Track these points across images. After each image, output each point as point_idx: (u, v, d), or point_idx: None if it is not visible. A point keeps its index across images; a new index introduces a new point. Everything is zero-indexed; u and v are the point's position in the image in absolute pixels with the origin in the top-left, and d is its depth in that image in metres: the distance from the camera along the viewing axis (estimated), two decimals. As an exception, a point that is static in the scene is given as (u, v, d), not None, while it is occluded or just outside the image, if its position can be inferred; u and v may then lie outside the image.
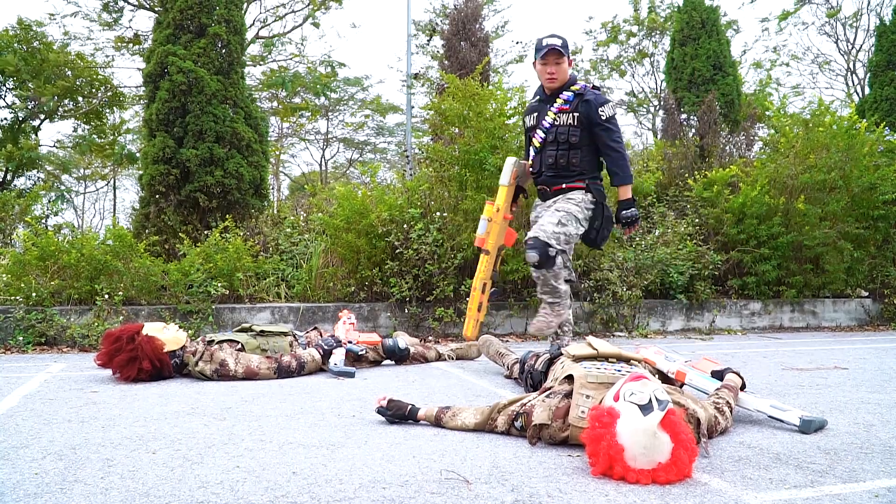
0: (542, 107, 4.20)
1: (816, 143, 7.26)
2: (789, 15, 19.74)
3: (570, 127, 4.06)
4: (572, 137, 4.05)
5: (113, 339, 3.79)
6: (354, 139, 25.77)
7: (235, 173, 7.70)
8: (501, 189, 4.33)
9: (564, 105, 4.06)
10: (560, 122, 4.07)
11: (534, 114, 4.25)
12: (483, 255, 4.28)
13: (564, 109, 4.06)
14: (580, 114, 4.03)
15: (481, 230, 4.27)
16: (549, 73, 4.04)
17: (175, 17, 7.83)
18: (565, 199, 4.11)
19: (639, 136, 22.65)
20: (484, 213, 4.29)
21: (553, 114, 4.09)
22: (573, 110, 4.05)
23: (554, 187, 4.18)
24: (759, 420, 2.89)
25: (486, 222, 4.26)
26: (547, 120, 4.11)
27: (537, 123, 4.19)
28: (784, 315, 7.23)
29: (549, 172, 4.17)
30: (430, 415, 2.76)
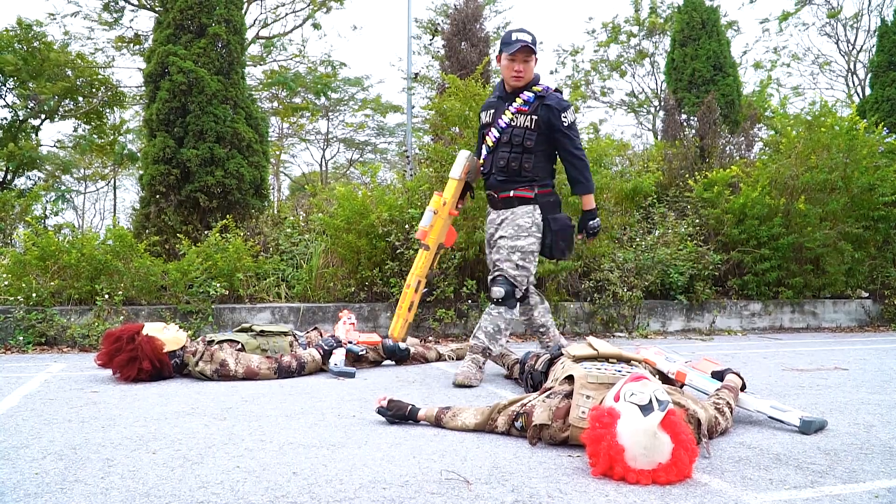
0: (500, 104, 3.92)
1: (818, 144, 7.26)
2: (790, 16, 19.74)
3: (526, 129, 3.80)
4: (527, 141, 3.80)
5: (113, 339, 3.79)
6: (355, 139, 25.78)
7: (236, 173, 7.70)
8: (451, 182, 4.04)
9: (524, 106, 3.80)
10: (517, 123, 3.81)
11: (490, 110, 3.96)
12: (422, 251, 4.00)
13: (523, 111, 3.80)
14: (539, 117, 3.78)
15: (425, 222, 3.97)
16: (517, 70, 3.76)
17: (175, 17, 7.83)
18: (515, 225, 3.83)
19: (639, 136, 22.66)
20: (430, 203, 4.01)
21: (510, 113, 3.82)
22: (532, 112, 3.79)
23: (501, 194, 3.89)
24: (759, 421, 2.89)
25: (431, 214, 3.97)
26: (503, 119, 3.84)
27: (493, 121, 3.91)
28: (784, 316, 7.23)
29: (500, 176, 3.88)
30: (431, 415, 2.76)
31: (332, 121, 24.70)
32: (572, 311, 6.41)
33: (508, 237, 3.83)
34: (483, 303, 6.05)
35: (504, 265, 3.82)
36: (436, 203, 3.98)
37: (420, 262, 3.99)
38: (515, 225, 3.83)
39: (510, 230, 3.83)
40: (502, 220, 3.89)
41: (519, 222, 3.83)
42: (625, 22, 19.21)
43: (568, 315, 6.36)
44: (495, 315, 3.84)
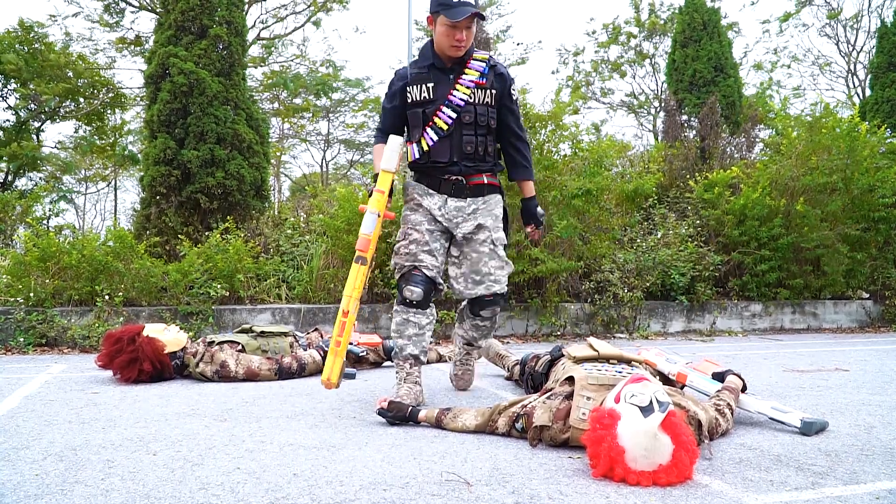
0: (441, 77, 3.20)
1: (818, 145, 7.26)
2: (790, 16, 19.75)
3: (488, 107, 3.20)
4: (491, 120, 3.22)
5: (114, 340, 3.80)
6: (355, 140, 25.78)
7: (236, 175, 7.71)
8: (385, 176, 3.16)
9: (481, 79, 3.17)
10: (477, 99, 3.17)
11: (427, 84, 3.20)
12: (358, 266, 3.03)
13: (481, 84, 3.17)
14: (496, 91, 3.22)
15: (368, 228, 3.07)
16: (458, 39, 3.09)
17: (176, 19, 7.84)
18: (493, 215, 3.27)
19: (639, 137, 22.66)
20: (372, 204, 3.10)
21: (466, 88, 3.15)
22: (490, 86, 3.20)
23: (472, 181, 3.25)
24: (759, 422, 2.89)
25: (375, 217, 3.08)
26: (457, 95, 3.14)
27: (438, 97, 3.18)
28: (785, 317, 7.23)
29: (467, 162, 3.21)
30: (431, 416, 2.76)
31: (333, 122, 24.72)
32: (573, 312, 6.41)
33: (490, 228, 3.23)
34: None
35: (493, 268, 3.21)
36: (379, 204, 3.10)
37: (358, 280, 3.02)
38: (493, 215, 3.26)
39: (489, 220, 3.24)
40: (474, 210, 3.23)
41: (496, 212, 3.29)
42: (625, 23, 19.22)
43: (568, 316, 6.36)
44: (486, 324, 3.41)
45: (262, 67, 19.16)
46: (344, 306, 2.97)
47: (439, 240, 3.24)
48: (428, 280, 3.15)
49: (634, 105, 20.75)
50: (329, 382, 2.91)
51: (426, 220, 3.23)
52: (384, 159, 3.16)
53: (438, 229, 3.24)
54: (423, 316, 3.17)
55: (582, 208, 6.26)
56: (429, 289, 3.16)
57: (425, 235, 3.19)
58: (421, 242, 3.18)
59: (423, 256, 3.16)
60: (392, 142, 3.18)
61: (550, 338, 6.16)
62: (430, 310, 3.21)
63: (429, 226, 3.22)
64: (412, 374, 3.17)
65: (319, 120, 24.14)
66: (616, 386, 2.31)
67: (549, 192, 6.02)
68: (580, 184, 6.10)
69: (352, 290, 2.99)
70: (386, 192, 3.13)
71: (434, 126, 3.18)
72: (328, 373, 2.91)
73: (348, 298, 2.98)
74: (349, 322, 2.95)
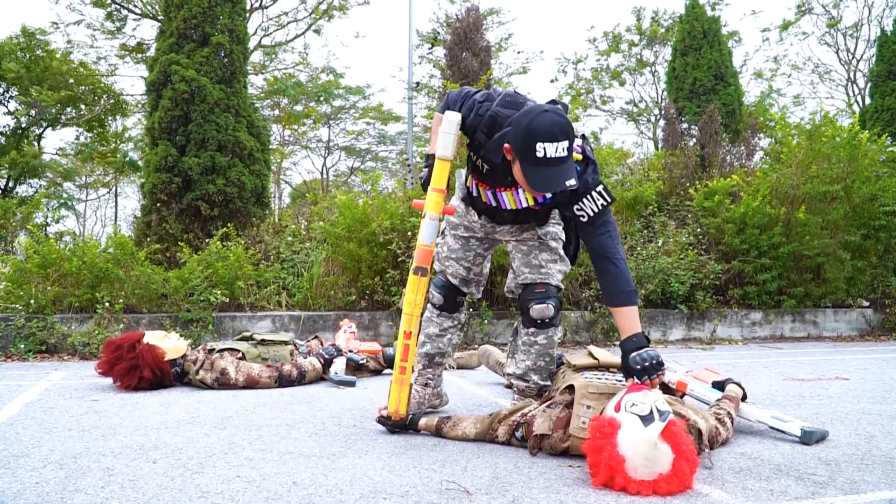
0: (500, 172, 2.66)
1: (818, 154, 7.28)
2: (790, 25, 19.80)
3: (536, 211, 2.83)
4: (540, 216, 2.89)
5: (114, 347, 3.80)
6: (356, 147, 25.84)
7: (237, 182, 7.72)
8: (441, 166, 2.69)
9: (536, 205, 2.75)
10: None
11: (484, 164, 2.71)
12: (417, 277, 2.64)
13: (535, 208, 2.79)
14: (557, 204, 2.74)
15: (428, 237, 2.64)
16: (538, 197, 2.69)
17: (178, 27, 7.86)
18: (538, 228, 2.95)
19: (639, 145, 22.69)
20: (429, 207, 2.64)
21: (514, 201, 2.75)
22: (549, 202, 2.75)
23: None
24: (760, 431, 2.89)
25: (435, 224, 2.64)
26: (505, 198, 2.76)
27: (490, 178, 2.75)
28: (785, 325, 7.23)
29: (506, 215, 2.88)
30: (431, 424, 2.76)
31: (334, 128, 24.77)
32: (573, 320, 6.41)
33: (544, 233, 2.92)
34: (485, 311, 6.05)
35: (545, 260, 2.92)
36: (435, 205, 2.65)
37: (418, 294, 2.65)
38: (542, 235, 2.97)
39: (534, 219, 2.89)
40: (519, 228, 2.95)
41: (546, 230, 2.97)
42: (626, 31, 19.26)
43: (569, 324, 6.36)
44: (544, 343, 3.01)
45: (264, 74, 19.21)
46: (405, 326, 2.64)
47: (475, 249, 3.02)
48: (450, 286, 3.05)
49: (634, 113, 20.78)
50: (397, 414, 2.70)
51: (466, 224, 3.01)
52: (440, 144, 2.67)
53: (478, 237, 3.02)
54: (448, 319, 3.11)
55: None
56: (450, 294, 3.06)
57: (459, 241, 3.02)
58: (453, 248, 3.03)
59: (450, 263, 3.04)
60: (448, 122, 2.66)
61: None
62: (458, 314, 3.12)
63: (464, 233, 3.02)
64: (423, 375, 3.12)
65: (320, 127, 24.20)
66: (616, 394, 2.31)
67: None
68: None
69: (412, 308, 2.65)
70: (444, 190, 2.68)
71: (477, 187, 2.85)
72: (395, 404, 2.68)
73: (409, 317, 2.65)
74: (412, 344, 2.63)
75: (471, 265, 3.05)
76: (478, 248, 3.04)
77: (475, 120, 2.64)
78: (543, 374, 3.01)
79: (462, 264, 3.03)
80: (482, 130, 2.63)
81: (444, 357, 3.14)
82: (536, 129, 2.30)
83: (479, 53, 11.18)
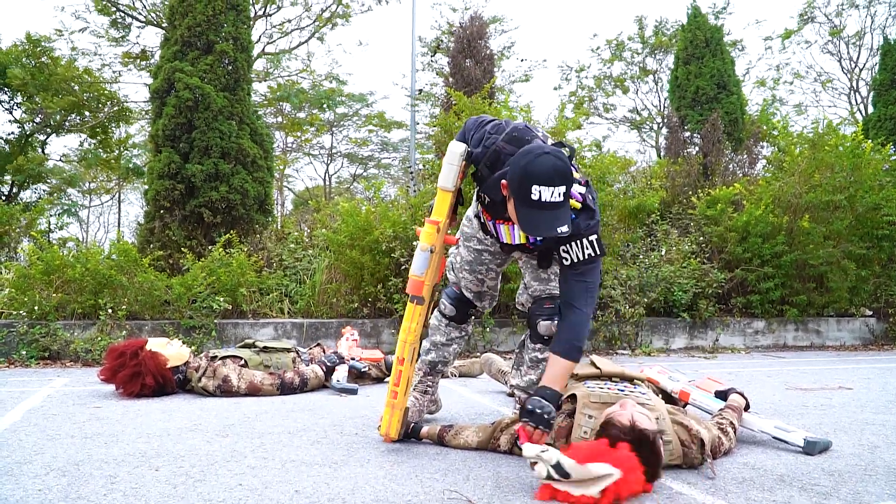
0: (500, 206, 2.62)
1: (821, 163, 7.28)
2: (792, 33, 19.83)
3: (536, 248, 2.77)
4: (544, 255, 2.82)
5: (116, 354, 3.80)
6: (358, 154, 25.86)
7: (240, 189, 7.74)
8: (442, 196, 2.68)
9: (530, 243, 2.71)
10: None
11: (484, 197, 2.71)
12: (414, 306, 2.69)
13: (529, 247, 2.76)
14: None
15: (420, 268, 2.62)
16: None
17: (183, 34, 7.90)
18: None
19: (642, 153, 22.71)
20: (422, 238, 2.63)
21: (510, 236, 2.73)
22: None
23: None
24: (763, 441, 2.88)
25: (427, 256, 2.61)
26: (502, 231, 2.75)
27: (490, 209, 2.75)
28: (788, 334, 7.21)
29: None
30: (433, 433, 2.76)
31: (336, 136, 24.82)
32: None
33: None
34: (487, 319, 6.05)
35: (553, 273, 2.89)
36: (429, 237, 2.62)
37: (413, 322, 2.69)
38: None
39: None
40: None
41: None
42: (629, 39, 19.31)
43: (571, 332, 6.34)
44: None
45: (268, 81, 19.27)
46: (399, 353, 2.63)
47: (487, 263, 2.97)
48: (463, 299, 3.04)
49: (637, 121, 20.81)
50: (388, 437, 2.70)
51: (479, 237, 2.94)
52: (441, 175, 2.66)
53: (490, 250, 2.95)
54: (455, 329, 3.10)
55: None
56: (462, 307, 3.04)
57: (472, 254, 2.96)
58: (466, 259, 2.99)
59: (464, 274, 3.00)
60: (451, 154, 2.64)
61: (553, 354, 6.15)
62: (466, 326, 3.10)
63: (478, 245, 2.95)
64: (423, 383, 3.12)
65: (323, 134, 24.24)
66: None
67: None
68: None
69: (406, 335, 2.65)
70: (442, 222, 2.64)
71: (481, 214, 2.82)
72: (386, 427, 2.68)
73: (403, 344, 2.64)
74: (405, 370, 2.61)
75: (484, 277, 3.02)
76: (490, 262, 2.99)
77: (482, 152, 2.60)
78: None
79: (476, 276, 3.01)
80: (486, 164, 2.60)
81: (446, 366, 3.14)
82: (534, 171, 2.26)
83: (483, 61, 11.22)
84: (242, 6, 8.32)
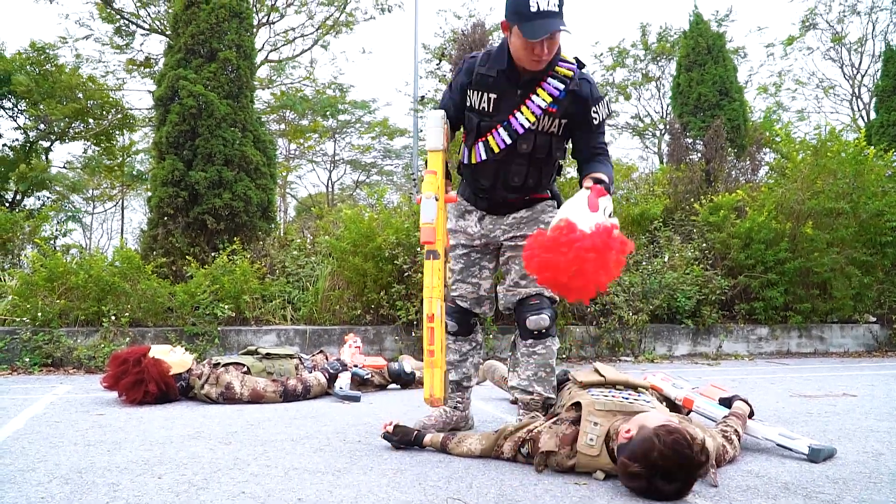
0: (509, 88, 2.78)
1: (824, 169, 7.27)
2: (794, 40, 19.84)
3: (552, 137, 2.83)
4: (556, 151, 2.88)
5: (119, 361, 3.80)
6: (361, 161, 25.91)
7: (243, 196, 7.75)
8: (433, 156, 2.74)
9: (552, 106, 2.75)
10: (541, 127, 2.80)
11: (490, 94, 2.81)
12: (431, 261, 2.60)
13: (551, 112, 2.77)
14: (568, 118, 2.81)
15: (430, 215, 2.58)
16: (537, 54, 2.63)
17: (187, 42, 7.92)
18: (536, 221, 2.96)
19: (644, 159, 22.71)
20: (425, 188, 2.64)
21: (531, 114, 2.76)
22: (561, 115, 2.79)
23: (511, 198, 2.98)
24: (767, 448, 2.87)
25: (433, 202, 2.59)
26: (519, 119, 2.77)
27: (498, 112, 2.81)
28: (791, 340, 7.20)
29: (511, 193, 2.95)
30: (436, 441, 2.75)
31: (339, 142, 24.87)
32: (578, 335, 6.40)
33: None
34: (490, 325, 6.04)
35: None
36: (431, 185, 2.64)
37: (434, 277, 2.59)
38: (540, 221, 2.94)
39: (536, 229, 2.83)
40: (512, 219, 2.97)
41: (542, 218, 2.95)
42: (632, 46, 19.33)
43: (574, 338, 6.35)
44: (543, 353, 2.95)
45: (271, 88, 19.32)
46: (427, 310, 2.56)
47: (478, 262, 3.05)
48: (461, 311, 3.07)
49: (640, 127, 20.82)
50: (433, 399, 2.53)
51: (463, 241, 3.03)
52: (428, 138, 2.77)
53: (477, 247, 3.03)
54: (465, 342, 3.13)
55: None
56: (463, 319, 3.08)
57: (460, 261, 3.04)
58: (455, 271, 3.05)
59: (458, 286, 3.05)
60: (432, 119, 2.77)
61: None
62: (474, 335, 3.15)
63: (462, 250, 3.04)
64: (452, 399, 3.16)
65: (326, 141, 24.30)
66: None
67: (554, 215, 6.02)
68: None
69: (430, 291, 2.57)
70: (439, 173, 2.70)
71: (486, 144, 2.86)
72: (430, 389, 2.53)
73: (429, 300, 2.56)
74: (437, 326, 2.53)
75: (479, 280, 3.05)
76: (480, 260, 3.05)
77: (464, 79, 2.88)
78: (546, 385, 2.96)
79: (470, 282, 3.05)
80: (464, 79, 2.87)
81: (470, 380, 3.17)
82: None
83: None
84: (246, 14, 8.35)
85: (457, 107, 2.92)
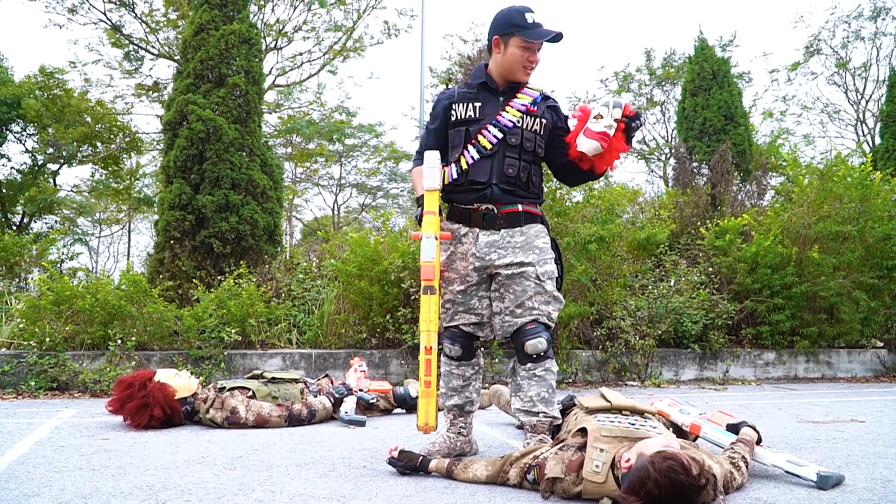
0: (490, 98, 3.10)
1: (830, 194, 7.28)
2: (799, 65, 19.96)
3: (536, 135, 3.07)
4: (538, 148, 3.09)
5: (125, 385, 3.80)
6: (367, 184, 26.01)
7: (250, 219, 7.79)
8: (431, 196, 3.01)
9: (532, 105, 3.07)
10: (526, 125, 3.05)
11: (474, 104, 3.09)
12: (428, 297, 2.86)
13: (532, 111, 3.06)
14: (546, 121, 3.11)
15: (429, 255, 2.87)
16: (531, 60, 3.03)
17: (195, 67, 8.01)
18: (534, 247, 3.02)
19: (650, 183, 22.73)
20: (425, 226, 2.94)
21: (516, 112, 3.04)
22: (541, 115, 3.09)
23: (505, 209, 3.03)
24: (775, 475, 2.85)
25: (433, 242, 2.88)
26: (506, 117, 3.02)
27: (484, 117, 3.06)
28: (799, 365, 7.15)
29: (505, 186, 3.02)
30: (442, 466, 2.74)
31: (346, 166, 24.98)
32: (584, 359, 6.37)
33: (534, 263, 2.98)
34: (495, 350, 6.02)
35: (538, 303, 2.96)
36: (433, 226, 2.93)
37: (431, 312, 2.85)
38: (535, 247, 3.01)
39: (532, 255, 2.98)
40: (510, 245, 3.01)
41: (537, 244, 3.03)
42: (637, 70, 19.46)
43: (580, 363, 6.32)
44: (543, 374, 2.96)
45: (278, 112, 19.48)
46: (425, 343, 2.80)
47: (475, 293, 3.08)
48: (466, 335, 3.11)
49: (645, 152, 20.89)
50: (427, 427, 2.78)
51: (459, 268, 3.08)
52: (426, 179, 3.01)
53: (473, 273, 3.06)
54: (468, 367, 3.16)
55: (595, 254, 6.29)
56: (468, 343, 3.12)
57: (459, 288, 3.08)
58: (457, 302, 3.09)
59: (459, 315, 3.10)
60: (429, 159, 3.03)
61: (562, 385, 6.12)
62: (476, 359, 3.19)
63: (459, 274, 3.08)
64: (455, 424, 3.18)
65: (332, 164, 24.41)
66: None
67: (561, 239, 6.04)
68: (593, 230, 6.14)
69: (427, 324, 2.82)
70: (437, 213, 2.98)
71: (477, 144, 3.02)
72: (424, 417, 2.79)
73: (427, 334, 2.81)
74: (434, 358, 2.79)
75: (478, 305, 3.09)
76: (478, 286, 3.08)
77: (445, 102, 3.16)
78: (550, 406, 2.95)
79: (468, 306, 3.09)
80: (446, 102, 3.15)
81: (473, 404, 3.20)
82: (517, 8, 3.02)
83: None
84: (255, 40, 8.44)
85: (440, 135, 3.17)
